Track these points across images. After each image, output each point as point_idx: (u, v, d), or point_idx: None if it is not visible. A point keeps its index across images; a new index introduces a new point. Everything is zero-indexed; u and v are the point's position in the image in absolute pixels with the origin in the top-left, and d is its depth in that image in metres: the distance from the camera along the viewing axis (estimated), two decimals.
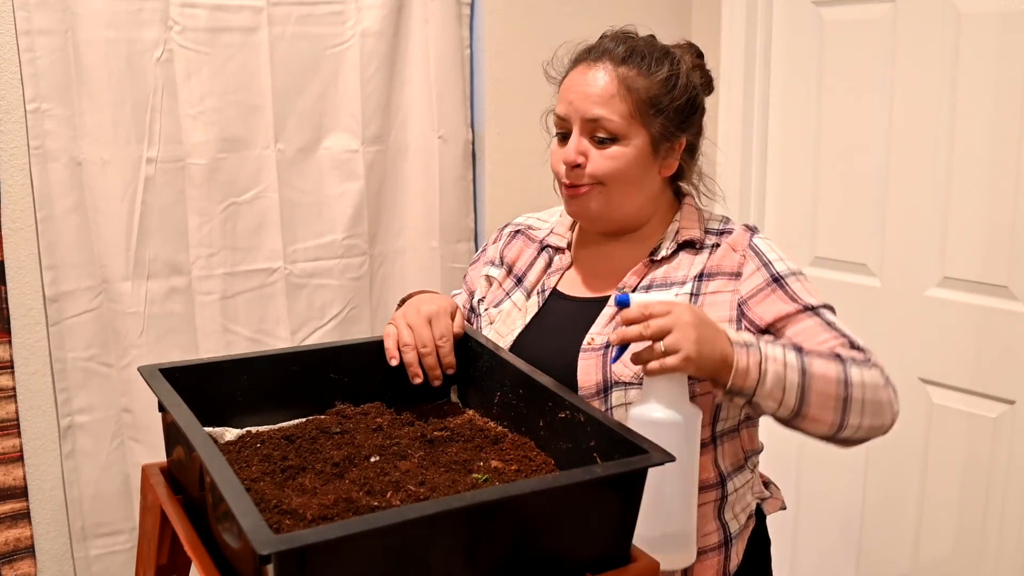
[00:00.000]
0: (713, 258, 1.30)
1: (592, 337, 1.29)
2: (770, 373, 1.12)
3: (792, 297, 1.26)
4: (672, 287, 1.30)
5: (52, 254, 1.88)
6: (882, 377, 1.21)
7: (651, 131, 1.28)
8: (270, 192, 2.08)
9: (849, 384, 1.16)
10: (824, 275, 2.29)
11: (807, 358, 1.15)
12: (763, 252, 1.30)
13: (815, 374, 1.14)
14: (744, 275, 1.28)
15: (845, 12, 2.22)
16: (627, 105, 1.26)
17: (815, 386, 1.14)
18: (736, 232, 1.33)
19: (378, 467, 1.07)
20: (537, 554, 0.94)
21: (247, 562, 0.85)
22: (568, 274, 1.40)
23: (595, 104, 1.26)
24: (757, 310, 1.26)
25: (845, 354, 1.19)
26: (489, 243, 1.53)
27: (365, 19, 2.11)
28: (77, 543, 1.99)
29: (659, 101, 1.27)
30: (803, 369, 1.14)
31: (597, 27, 1.38)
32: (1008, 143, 1.93)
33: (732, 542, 1.32)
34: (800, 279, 1.29)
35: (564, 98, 1.31)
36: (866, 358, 1.21)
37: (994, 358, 2.02)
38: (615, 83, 1.26)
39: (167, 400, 1.06)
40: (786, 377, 1.13)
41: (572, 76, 1.31)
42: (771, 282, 1.27)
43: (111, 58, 1.87)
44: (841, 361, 1.17)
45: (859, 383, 1.17)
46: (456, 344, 1.31)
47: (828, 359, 1.17)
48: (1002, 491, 2.03)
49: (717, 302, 1.27)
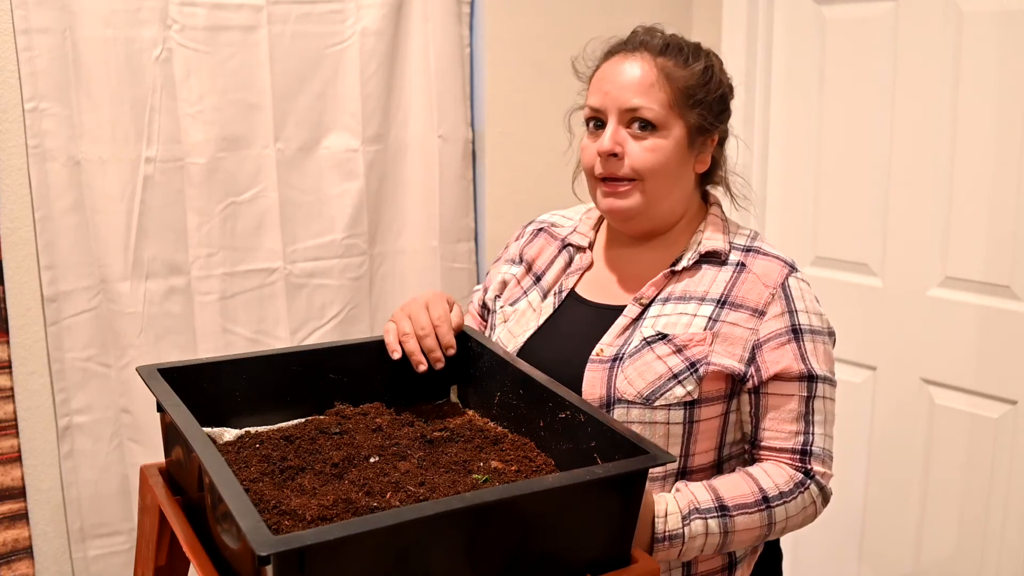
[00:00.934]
0: (739, 286, 1.26)
1: (602, 348, 1.26)
2: (690, 550, 1.17)
3: (801, 356, 1.24)
4: (691, 301, 1.26)
5: (50, 254, 1.87)
6: (809, 500, 1.24)
7: (688, 123, 1.26)
8: (270, 192, 2.08)
9: (772, 525, 1.21)
10: (826, 275, 2.29)
11: (730, 520, 1.18)
12: (793, 298, 1.26)
13: (737, 531, 1.19)
14: (768, 315, 1.24)
15: (846, 11, 2.21)
16: (666, 94, 1.24)
17: (737, 539, 1.20)
18: (770, 263, 1.28)
19: (378, 467, 1.06)
20: (537, 555, 0.94)
21: (246, 563, 0.85)
22: (587, 276, 1.38)
23: (634, 93, 1.24)
24: (768, 357, 1.23)
25: (774, 490, 1.21)
26: (512, 240, 1.51)
27: (365, 18, 2.11)
28: (75, 544, 1.99)
29: (696, 92, 1.26)
30: (725, 531, 1.18)
31: (597, 27, 1.38)
32: (1010, 142, 1.93)
33: (737, 565, 1.31)
34: (816, 339, 1.25)
35: (599, 89, 1.28)
36: (803, 479, 1.23)
37: (996, 358, 2.01)
38: (655, 72, 1.25)
39: (166, 400, 1.05)
40: (706, 543, 1.18)
41: (606, 68, 1.29)
42: (789, 332, 1.24)
43: (110, 57, 1.87)
44: (767, 507, 1.20)
45: (782, 519, 1.22)
46: (456, 343, 1.30)
47: (751, 511, 1.19)
48: (1004, 491, 2.02)
49: (734, 335, 1.23)
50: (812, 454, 1.24)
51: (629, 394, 1.22)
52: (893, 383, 2.21)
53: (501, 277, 1.46)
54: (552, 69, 2.08)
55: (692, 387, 1.21)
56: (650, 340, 1.24)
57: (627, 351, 1.24)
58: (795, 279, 1.27)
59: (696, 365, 1.21)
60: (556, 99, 1.45)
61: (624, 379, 1.22)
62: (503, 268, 1.48)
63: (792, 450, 1.24)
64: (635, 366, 1.23)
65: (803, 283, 1.28)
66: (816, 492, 1.24)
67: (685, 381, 1.21)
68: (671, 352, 1.22)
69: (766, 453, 1.25)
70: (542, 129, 1.42)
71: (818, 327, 1.26)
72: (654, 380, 1.21)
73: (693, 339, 1.22)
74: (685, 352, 1.22)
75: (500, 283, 1.46)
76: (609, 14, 2.27)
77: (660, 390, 1.21)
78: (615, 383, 1.23)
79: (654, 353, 1.23)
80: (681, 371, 1.21)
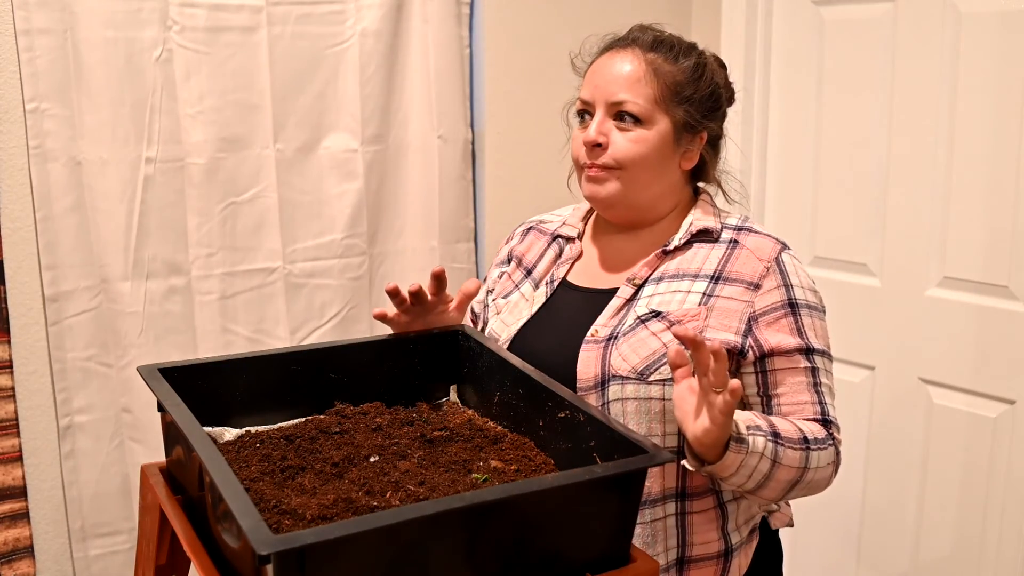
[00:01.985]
0: (732, 261, 1.28)
1: (596, 328, 1.28)
2: (745, 467, 1.13)
3: (799, 330, 1.25)
4: (684, 279, 1.28)
5: (51, 254, 1.88)
6: (834, 455, 1.23)
7: (674, 119, 1.28)
8: (269, 192, 2.08)
9: (806, 470, 1.19)
10: (824, 275, 2.29)
11: (781, 449, 1.16)
12: (788, 272, 1.27)
13: (783, 464, 1.16)
14: (763, 289, 1.26)
15: (845, 11, 2.22)
16: (652, 89, 1.27)
17: (778, 475, 1.17)
18: (762, 239, 1.30)
19: (378, 467, 1.07)
20: (537, 554, 0.94)
21: (246, 562, 0.85)
22: (578, 265, 1.39)
23: (621, 87, 1.27)
24: (765, 331, 1.24)
25: (811, 435, 1.20)
26: (503, 244, 1.53)
27: (364, 19, 2.11)
28: (76, 543, 1.99)
29: (684, 89, 1.29)
30: (775, 460, 1.15)
31: (597, 27, 1.39)
32: (1008, 143, 1.93)
33: (733, 553, 1.31)
34: (814, 315, 1.27)
35: (590, 82, 1.31)
36: (828, 435, 1.23)
37: (994, 358, 2.01)
38: (643, 67, 1.27)
39: (166, 400, 1.06)
40: (757, 467, 1.14)
41: (599, 62, 1.32)
42: (785, 305, 1.25)
43: (110, 58, 1.87)
44: (807, 448, 1.19)
45: (814, 467, 1.20)
46: (456, 343, 1.32)
47: (797, 447, 1.18)
48: (1002, 491, 2.03)
49: (729, 309, 1.25)
50: (830, 421, 1.25)
51: (623, 370, 1.23)
52: (891, 383, 2.22)
53: (495, 278, 1.48)
54: (552, 69, 2.09)
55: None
56: (644, 318, 1.26)
57: (621, 330, 1.26)
58: (788, 255, 1.29)
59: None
60: (556, 99, 1.46)
61: (619, 356, 1.24)
62: (494, 273, 1.50)
63: (813, 419, 1.24)
64: (629, 343, 1.24)
65: (796, 259, 1.30)
66: (834, 453, 1.24)
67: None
68: (666, 328, 1.24)
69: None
70: (542, 129, 1.42)
71: (814, 303, 1.28)
72: (648, 356, 1.23)
73: (687, 315, 1.24)
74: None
75: (495, 281, 1.48)
76: (609, 14, 2.27)
77: (654, 365, 1.22)
78: (610, 360, 1.24)
79: (648, 330, 1.24)
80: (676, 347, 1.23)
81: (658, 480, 1.26)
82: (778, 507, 1.40)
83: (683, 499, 1.27)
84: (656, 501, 1.26)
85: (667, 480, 1.26)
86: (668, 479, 1.26)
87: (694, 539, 1.28)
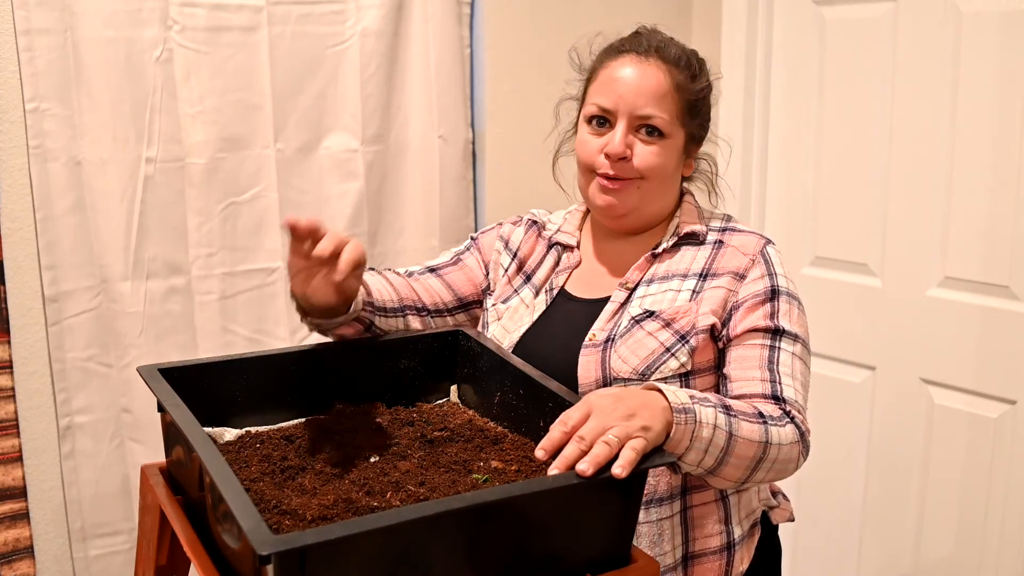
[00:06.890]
0: (719, 259, 1.31)
1: (594, 333, 1.30)
2: (698, 439, 1.07)
3: (771, 314, 1.26)
4: (674, 279, 1.31)
5: (51, 254, 1.87)
6: (795, 435, 1.17)
7: (688, 132, 1.33)
8: (269, 192, 2.08)
9: (768, 445, 1.13)
10: (825, 275, 2.29)
11: (735, 421, 1.11)
12: (773, 263, 1.30)
13: (741, 438, 1.11)
14: (748, 278, 1.28)
15: (846, 11, 2.21)
16: (675, 106, 1.30)
17: (738, 449, 1.11)
18: (747, 236, 1.33)
19: (378, 467, 1.07)
20: (537, 554, 0.94)
21: (247, 562, 0.85)
22: (576, 273, 1.40)
23: (648, 101, 1.28)
24: (741, 315, 1.26)
25: (766, 412, 1.16)
26: (507, 221, 1.51)
27: (365, 19, 2.11)
28: (76, 543, 1.99)
29: (699, 105, 1.33)
30: (731, 432, 1.10)
31: (597, 27, 1.39)
32: (1009, 142, 1.93)
33: (735, 547, 1.31)
34: (792, 303, 1.28)
35: (611, 89, 1.30)
36: (784, 412, 1.18)
37: (995, 358, 2.01)
38: (669, 83, 1.29)
39: (166, 400, 1.05)
40: (712, 440, 1.08)
41: (616, 68, 1.31)
42: (768, 292, 1.27)
43: (110, 57, 1.87)
44: (764, 423, 1.14)
45: (776, 442, 1.14)
46: (456, 343, 1.33)
47: (753, 420, 1.13)
48: (1003, 491, 2.02)
49: (716, 297, 1.27)
50: (784, 399, 1.20)
51: (624, 372, 1.25)
52: (892, 383, 2.21)
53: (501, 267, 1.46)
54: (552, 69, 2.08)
55: (685, 359, 1.24)
56: (638, 318, 1.28)
57: (618, 332, 1.28)
58: (772, 248, 1.33)
59: (687, 337, 1.25)
60: (556, 100, 1.46)
61: (618, 358, 1.25)
62: (497, 244, 1.47)
63: (763, 395, 1.21)
64: (627, 344, 1.26)
65: (780, 254, 1.33)
66: (796, 432, 1.18)
67: (678, 353, 1.24)
68: (660, 327, 1.26)
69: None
70: (542, 129, 1.42)
71: (795, 292, 1.30)
72: (647, 356, 1.24)
73: (679, 311, 1.27)
74: (674, 325, 1.26)
75: (498, 268, 1.46)
76: (609, 14, 2.27)
77: (654, 364, 1.24)
78: (610, 363, 1.26)
79: (644, 330, 1.26)
80: (673, 344, 1.25)
81: (664, 478, 1.26)
82: (778, 503, 1.41)
83: (686, 494, 1.28)
84: (663, 499, 1.27)
85: (673, 478, 1.27)
86: (674, 477, 1.27)
87: (697, 533, 1.29)
